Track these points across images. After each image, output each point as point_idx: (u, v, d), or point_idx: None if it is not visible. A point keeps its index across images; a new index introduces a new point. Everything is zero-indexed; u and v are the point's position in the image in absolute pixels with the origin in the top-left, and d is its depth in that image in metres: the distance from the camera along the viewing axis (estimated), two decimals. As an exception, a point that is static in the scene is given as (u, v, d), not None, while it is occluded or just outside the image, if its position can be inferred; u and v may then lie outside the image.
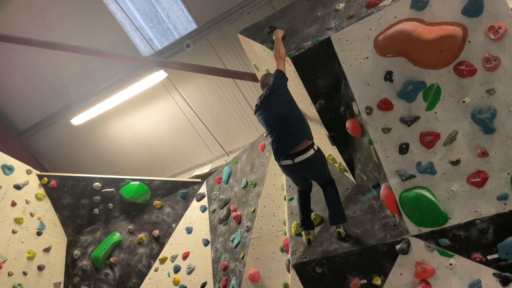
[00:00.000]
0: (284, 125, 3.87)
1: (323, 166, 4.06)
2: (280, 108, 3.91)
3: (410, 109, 3.54)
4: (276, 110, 3.93)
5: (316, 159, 3.90)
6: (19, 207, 6.63)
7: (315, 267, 4.00)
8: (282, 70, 3.89)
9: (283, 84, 3.91)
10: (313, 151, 3.84)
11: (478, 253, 3.54)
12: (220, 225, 6.06)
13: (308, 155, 3.82)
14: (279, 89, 3.90)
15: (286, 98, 3.93)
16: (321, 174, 4.11)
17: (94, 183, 7.04)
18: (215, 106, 9.84)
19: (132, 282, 6.44)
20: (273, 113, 3.94)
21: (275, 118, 3.93)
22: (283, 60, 3.92)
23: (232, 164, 6.45)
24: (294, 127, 3.86)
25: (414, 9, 3.37)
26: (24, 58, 9.97)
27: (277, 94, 3.91)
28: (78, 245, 6.99)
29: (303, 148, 3.83)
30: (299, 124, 3.89)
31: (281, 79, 3.91)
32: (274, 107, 3.94)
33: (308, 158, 3.83)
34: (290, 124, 3.86)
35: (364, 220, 4.08)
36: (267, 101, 3.98)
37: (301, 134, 3.86)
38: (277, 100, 3.92)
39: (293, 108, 3.93)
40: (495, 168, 3.43)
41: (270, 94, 3.95)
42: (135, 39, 9.35)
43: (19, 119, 11.29)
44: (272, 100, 3.94)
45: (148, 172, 11.40)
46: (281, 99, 3.92)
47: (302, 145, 3.83)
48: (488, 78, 3.33)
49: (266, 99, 3.98)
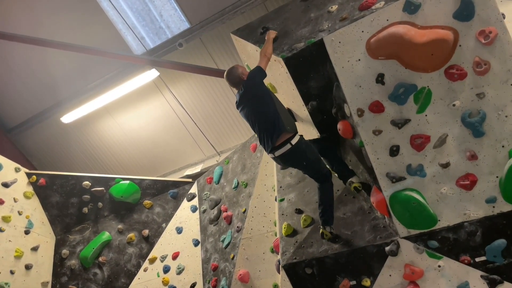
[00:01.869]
0: (263, 120, 3.90)
1: (305, 160, 3.96)
2: (257, 105, 3.94)
3: (401, 112, 3.56)
4: (253, 107, 3.96)
5: (294, 153, 3.87)
6: (7, 205, 6.56)
7: (305, 268, 4.00)
8: (261, 67, 3.90)
9: (258, 80, 3.91)
10: (290, 146, 3.82)
11: (466, 255, 3.57)
12: (210, 225, 6.04)
13: (285, 150, 3.84)
14: (254, 86, 3.93)
15: (260, 94, 3.93)
16: (306, 168, 4.05)
17: (84, 181, 6.99)
18: (207, 106, 9.82)
19: (121, 282, 6.40)
20: (251, 110, 3.98)
21: (254, 114, 3.97)
22: (267, 58, 3.95)
23: (224, 164, 6.44)
24: (272, 121, 3.85)
25: (406, 12, 3.39)
26: (15, 54, 9.86)
27: (252, 91, 3.94)
28: (67, 244, 6.93)
29: (281, 142, 3.86)
30: (276, 118, 3.86)
31: (256, 76, 3.91)
32: (251, 104, 3.97)
33: (286, 152, 3.84)
34: (268, 119, 3.87)
35: (354, 222, 4.09)
36: (244, 98, 4.01)
37: (278, 128, 3.84)
38: (253, 97, 3.95)
39: (269, 104, 3.91)
40: (484, 171, 3.46)
41: (245, 91, 3.98)
42: (127, 37, 9.30)
43: (8, 116, 11.16)
44: (249, 97, 3.98)
45: (138, 172, 11.33)
46: (257, 96, 3.94)
47: (280, 139, 3.86)
48: (478, 82, 3.36)
49: (243, 96, 4.01)
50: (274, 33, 4.14)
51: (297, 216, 4.49)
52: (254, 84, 3.92)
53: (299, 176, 4.90)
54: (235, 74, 4.08)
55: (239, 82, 4.05)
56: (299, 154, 3.92)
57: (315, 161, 4.03)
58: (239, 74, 4.07)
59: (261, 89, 3.94)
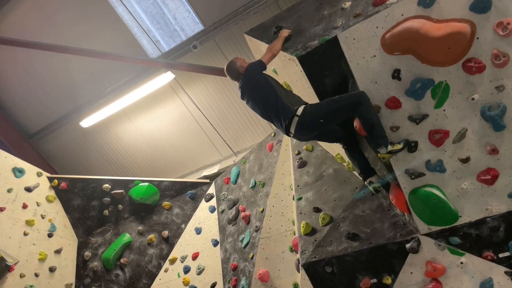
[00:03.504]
0: (269, 109, 3.89)
1: (321, 117, 3.70)
2: (259, 96, 3.94)
3: (418, 107, 3.52)
4: (257, 98, 3.97)
5: (304, 120, 3.72)
6: (30, 209, 6.71)
7: (324, 266, 3.99)
8: (263, 62, 3.91)
9: (254, 73, 3.92)
10: (297, 118, 3.73)
11: (489, 251, 3.52)
12: (229, 225, 6.07)
13: (295, 123, 3.74)
14: (251, 80, 3.94)
15: (259, 86, 3.92)
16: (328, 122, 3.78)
17: (104, 184, 7.10)
18: (222, 107, 9.85)
19: (142, 282, 6.48)
20: (255, 102, 4.00)
21: (259, 105, 3.99)
22: (272, 54, 3.96)
23: (240, 164, 6.46)
24: (276, 107, 3.82)
25: (421, 6, 3.35)
26: (34, 61, 10.07)
27: (251, 84, 3.96)
28: (89, 247, 7.05)
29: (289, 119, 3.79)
30: (280, 103, 3.80)
31: (253, 69, 3.93)
32: (254, 96, 3.99)
33: (297, 125, 3.75)
34: (273, 106, 3.84)
35: (373, 219, 4.06)
36: (245, 90, 4.03)
37: (284, 111, 3.78)
38: (253, 90, 3.97)
39: (269, 93, 3.86)
40: (505, 165, 3.40)
41: (243, 85, 4.01)
42: (142, 41, 9.40)
43: (29, 122, 11.41)
44: (250, 90, 3.99)
45: (156, 173, 11.45)
46: (257, 88, 3.94)
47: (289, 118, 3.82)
48: (497, 74, 3.30)
49: (243, 89, 4.03)
50: (287, 32, 4.14)
51: (315, 214, 4.48)
52: (251, 78, 3.94)
53: (316, 175, 4.89)
54: (233, 69, 4.10)
55: (238, 76, 4.08)
56: (310, 117, 3.73)
57: (331, 110, 3.70)
58: (237, 68, 4.08)
59: (259, 80, 3.92)
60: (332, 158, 4.94)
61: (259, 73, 3.94)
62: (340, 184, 4.63)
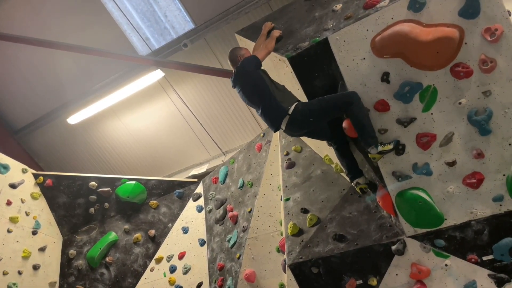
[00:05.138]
0: (262, 107, 3.86)
1: (310, 116, 3.74)
2: (252, 93, 3.92)
3: (406, 110, 3.55)
4: (249, 95, 3.95)
5: (296, 118, 3.75)
6: (15, 206, 6.60)
7: (311, 267, 4.00)
8: (258, 57, 3.88)
9: (249, 69, 3.86)
10: (288, 116, 3.74)
11: (473, 254, 3.56)
12: (216, 225, 6.05)
13: (287, 121, 3.76)
14: (245, 75, 3.90)
15: (253, 83, 3.87)
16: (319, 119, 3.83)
17: (90, 182, 7.02)
18: (212, 106, 9.83)
19: (127, 281, 6.43)
20: (248, 97, 3.97)
21: (251, 101, 3.97)
22: (267, 51, 3.95)
23: (229, 164, 6.45)
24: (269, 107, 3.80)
25: (411, 11, 3.38)
26: (21, 56, 9.92)
27: (244, 79, 3.92)
28: (74, 245, 6.97)
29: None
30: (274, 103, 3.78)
31: (248, 64, 3.87)
32: (246, 92, 3.96)
33: (288, 123, 3.77)
34: (266, 105, 3.82)
35: (360, 221, 4.08)
36: (237, 81, 3.99)
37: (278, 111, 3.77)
38: (246, 85, 3.93)
39: (263, 92, 3.82)
40: (490, 169, 3.44)
41: (236, 77, 3.97)
42: (132, 38, 9.33)
43: (15, 118, 11.24)
44: (242, 84, 3.96)
45: (144, 172, 11.37)
46: (250, 85, 3.90)
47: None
48: (484, 79, 3.34)
49: (235, 79, 3.99)
50: (278, 32, 4.15)
51: (303, 215, 4.49)
52: (245, 73, 3.89)
53: (304, 176, 4.90)
54: (235, 53, 4.10)
55: (235, 63, 4.05)
56: (301, 115, 3.76)
57: (322, 108, 3.73)
58: (237, 54, 4.07)
59: (253, 77, 3.87)
60: (320, 159, 4.95)
61: (254, 70, 3.87)
62: (328, 186, 4.65)
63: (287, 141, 5.40)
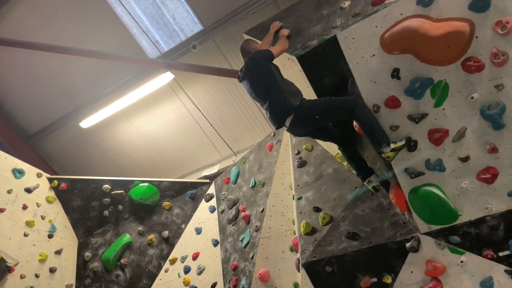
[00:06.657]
0: (270, 102, 3.82)
1: (316, 114, 3.73)
2: (259, 85, 3.89)
3: (418, 106, 3.52)
4: (257, 87, 3.92)
5: (300, 115, 3.74)
6: (30, 210, 6.70)
7: (324, 266, 4.00)
8: (273, 53, 3.85)
9: (261, 62, 3.84)
10: (293, 113, 3.73)
11: (489, 250, 3.52)
12: (229, 225, 6.07)
13: (291, 118, 3.75)
14: (256, 67, 3.87)
15: (262, 77, 3.84)
16: (324, 118, 3.83)
17: (104, 185, 7.10)
18: (221, 107, 9.86)
19: (142, 283, 6.48)
20: (254, 89, 3.94)
21: (259, 95, 3.92)
22: (284, 48, 3.92)
23: (240, 164, 6.46)
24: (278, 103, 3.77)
25: (420, 6, 3.35)
26: (33, 62, 10.07)
27: (255, 71, 3.88)
28: (89, 247, 7.05)
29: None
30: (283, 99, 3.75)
31: (262, 57, 3.85)
32: (255, 85, 3.92)
33: (292, 120, 3.75)
34: (274, 101, 3.79)
35: (373, 219, 4.06)
36: (247, 75, 3.95)
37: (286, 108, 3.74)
38: (255, 78, 3.90)
39: (272, 87, 3.79)
40: (505, 164, 3.40)
41: (246, 69, 3.93)
42: (142, 41, 9.40)
43: (29, 123, 11.41)
44: (252, 74, 3.92)
45: (156, 174, 11.45)
46: (259, 77, 3.87)
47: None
48: (496, 73, 3.30)
49: (245, 73, 3.96)
50: (286, 31, 4.15)
51: (315, 214, 4.49)
52: (256, 64, 3.86)
53: (316, 174, 4.89)
54: (250, 45, 4.09)
55: (247, 55, 4.03)
56: (306, 112, 3.75)
57: (327, 107, 3.75)
58: (253, 47, 4.06)
59: (264, 70, 3.83)
60: (331, 157, 4.94)
61: (266, 62, 3.84)
62: (340, 184, 4.63)
63: (297, 140, 5.40)
